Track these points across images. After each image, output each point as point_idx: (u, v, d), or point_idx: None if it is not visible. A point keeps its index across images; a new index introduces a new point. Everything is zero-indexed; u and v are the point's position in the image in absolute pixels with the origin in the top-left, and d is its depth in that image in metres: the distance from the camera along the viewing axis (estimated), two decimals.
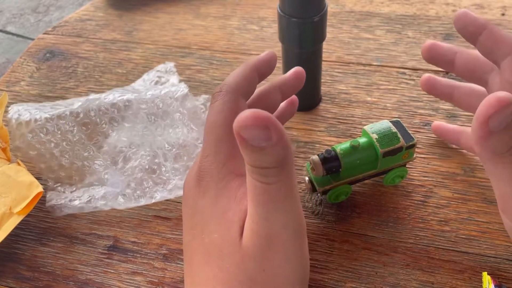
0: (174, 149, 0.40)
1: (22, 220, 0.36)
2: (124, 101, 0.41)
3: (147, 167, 0.39)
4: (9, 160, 0.41)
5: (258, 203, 0.24)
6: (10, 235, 0.36)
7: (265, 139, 0.21)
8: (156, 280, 0.35)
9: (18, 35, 1.65)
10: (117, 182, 0.39)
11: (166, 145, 0.40)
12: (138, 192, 0.39)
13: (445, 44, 0.33)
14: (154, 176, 0.39)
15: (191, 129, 0.41)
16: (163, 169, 0.39)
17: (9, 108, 0.41)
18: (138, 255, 0.36)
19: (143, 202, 0.38)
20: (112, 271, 0.35)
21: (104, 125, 0.41)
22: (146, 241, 0.37)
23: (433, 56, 0.33)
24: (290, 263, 0.25)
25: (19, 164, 0.39)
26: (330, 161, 0.34)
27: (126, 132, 0.41)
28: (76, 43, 0.57)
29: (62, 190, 0.40)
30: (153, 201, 0.38)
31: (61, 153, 0.40)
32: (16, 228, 0.36)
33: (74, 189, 0.40)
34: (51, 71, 0.53)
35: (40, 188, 0.37)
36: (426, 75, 0.38)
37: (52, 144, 0.40)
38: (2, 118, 0.41)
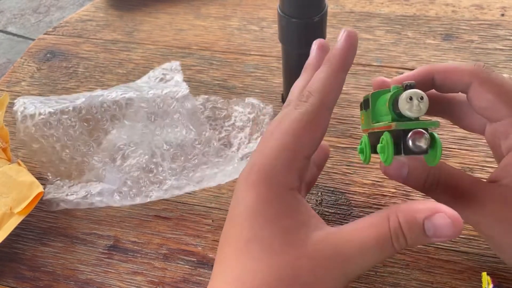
0: (172, 149, 0.40)
1: (22, 220, 0.37)
2: (126, 99, 0.41)
3: (144, 166, 0.40)
4: (10, 160, 0.41)
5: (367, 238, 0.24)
6: (10, 234, 0.36)
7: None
8: (157, 280, 0.35)
9: (18, 36, 1.65)
10: (114, 179, 0.39)
11: (164, 145, 0.40)
12: (134, 190, 0.39)
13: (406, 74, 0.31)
14: (150, 175, 0.40)
15: (190, 130, 0.41)
16: (160, 168, 0.40)
17: (15, 101, 0.41)
18: (138, 255, 0.36)
19: (138, 200, 0.38)
20: (112, 270, 0.36)
21: (105, 122, 0.41)
22: (147, 241, 0.37)
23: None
24: (336, 281, 0.25)
25: (19, 164, 0.40)
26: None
27: (126, 130, 0.41)
28: (76, 44, 0.57)
29: (61, 184, 0.40)
30: (148, 200, 0.38)
31: (62, 147, 0.41)
32: (16, 228, 0.36)
33: (72, 184, 0.40)
34: (52, 72, 0.54)
35: (40, 188, 0.37)
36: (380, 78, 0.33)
37: (54, 139, 0.40)
38: (3, 118, 0.41)
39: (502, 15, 0.54)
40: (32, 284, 0.35)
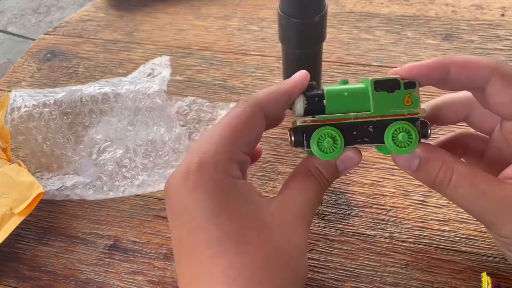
0: (143, 145, 0.40)
1: (23, 220, 0.37)
2: (101, 93, 0.42)
3: (118, 160, 0.40)
4: (10, 161, 0.41)
5: (307, 189, 0.29)
6: (11, 234, 0.36)
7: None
8: (157, 280, 0.35)
9: (19, 36, 1.65)
10: (89, 172, 0.40)
11: (137, 140, 0.41)
12: (108, 184, 0.39)
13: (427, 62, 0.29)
14: (124, 170, 0.40)
15: (160, 126, 0.41)
16: (133, 164, 0.40)
17: (10, 93, 0.42)
18: (138, 255, 0.36)
19: (111, 195, 0.39)
20: (112, 270, 0.36)
21: (84, 116, 0.42)
22: (147, 240, 0.37)
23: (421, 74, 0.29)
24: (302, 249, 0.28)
25: (19, 165, 0.40)
26: (313, 93, 0.29)
27: (103, 124, 0.42)
28: (77, 44, 0.57)
29: (40, 176, 0.41)
30: (121, 195, 0.39)
31: (43, 140, 0.41)
32: (17, 227, 0.36)
33: (51, 176, 0.41)
34: (52, 71, 0.54)
35: (40, 189, 0.37)
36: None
37: (37, 131, 0.41)
38: (4, 118, 0.41)
39: (502, 15, 0.54)
40: (32, 283, 0.35)
